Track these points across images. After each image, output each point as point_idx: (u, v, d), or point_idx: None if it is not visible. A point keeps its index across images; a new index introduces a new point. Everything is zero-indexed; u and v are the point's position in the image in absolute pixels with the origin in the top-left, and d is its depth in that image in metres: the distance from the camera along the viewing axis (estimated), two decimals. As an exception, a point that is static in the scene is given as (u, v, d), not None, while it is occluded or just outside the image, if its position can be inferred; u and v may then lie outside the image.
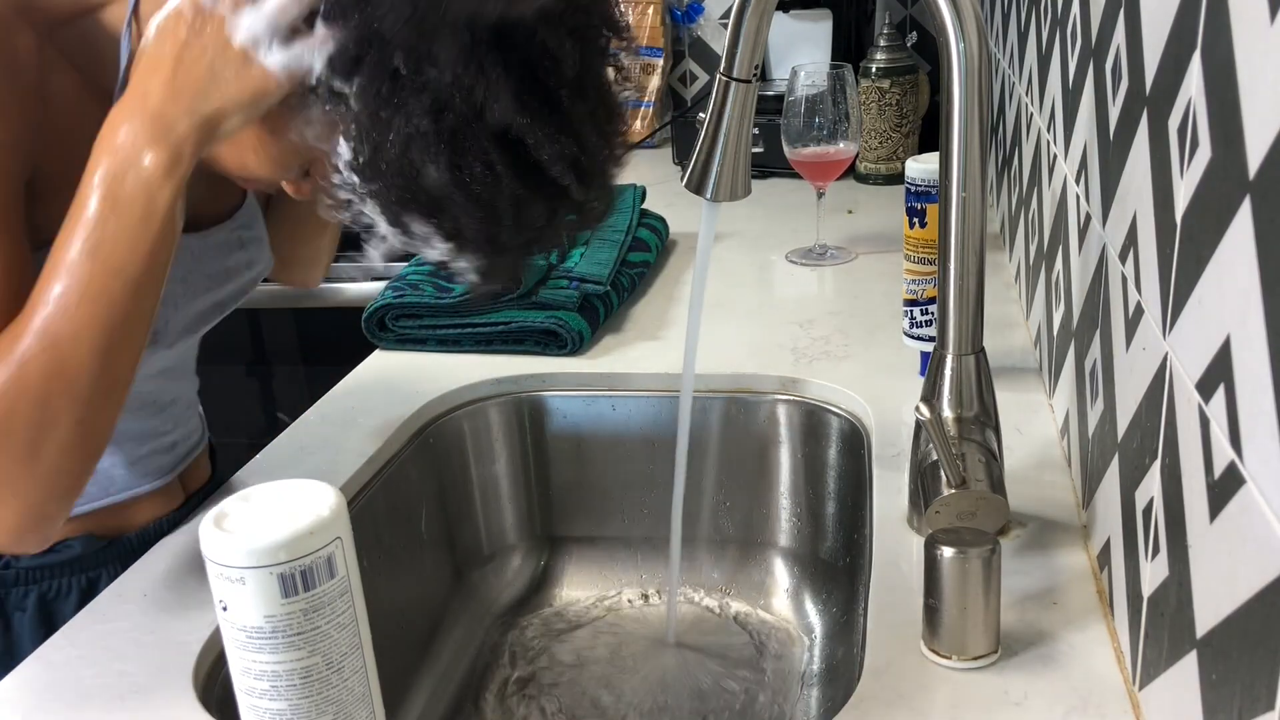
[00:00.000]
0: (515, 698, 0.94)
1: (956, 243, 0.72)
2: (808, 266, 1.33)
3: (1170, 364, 0.52)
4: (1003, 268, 1.27)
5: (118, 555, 0.84)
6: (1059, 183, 0.90)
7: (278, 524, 0.53)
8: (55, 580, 0.82)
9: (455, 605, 1.03)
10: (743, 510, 1.06)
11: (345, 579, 0.55)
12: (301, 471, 0.90)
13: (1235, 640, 0.43)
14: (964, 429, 0.73)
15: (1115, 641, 0.64)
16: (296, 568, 0.53)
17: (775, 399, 1.03)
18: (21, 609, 0.82)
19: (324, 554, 0.54)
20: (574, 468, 1.08)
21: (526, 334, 1.09)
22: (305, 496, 0.55)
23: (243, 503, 0.55)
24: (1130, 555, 0.61)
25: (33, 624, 0.82)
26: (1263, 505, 0.40)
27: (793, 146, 1.34)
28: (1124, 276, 0.63)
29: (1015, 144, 1.25)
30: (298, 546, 0.53)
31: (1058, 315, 0.88)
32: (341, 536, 0.55)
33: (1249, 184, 0.41)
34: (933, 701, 0.61)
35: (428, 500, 1.01)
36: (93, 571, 0.84)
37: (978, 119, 0.69)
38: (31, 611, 0.82)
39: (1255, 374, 0.41)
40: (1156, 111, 0.57)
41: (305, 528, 0.53)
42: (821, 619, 1.00)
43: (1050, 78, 0.97)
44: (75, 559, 0.82)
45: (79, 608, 0.77)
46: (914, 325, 0.99)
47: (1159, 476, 0.54)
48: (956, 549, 0.61)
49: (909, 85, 1.64)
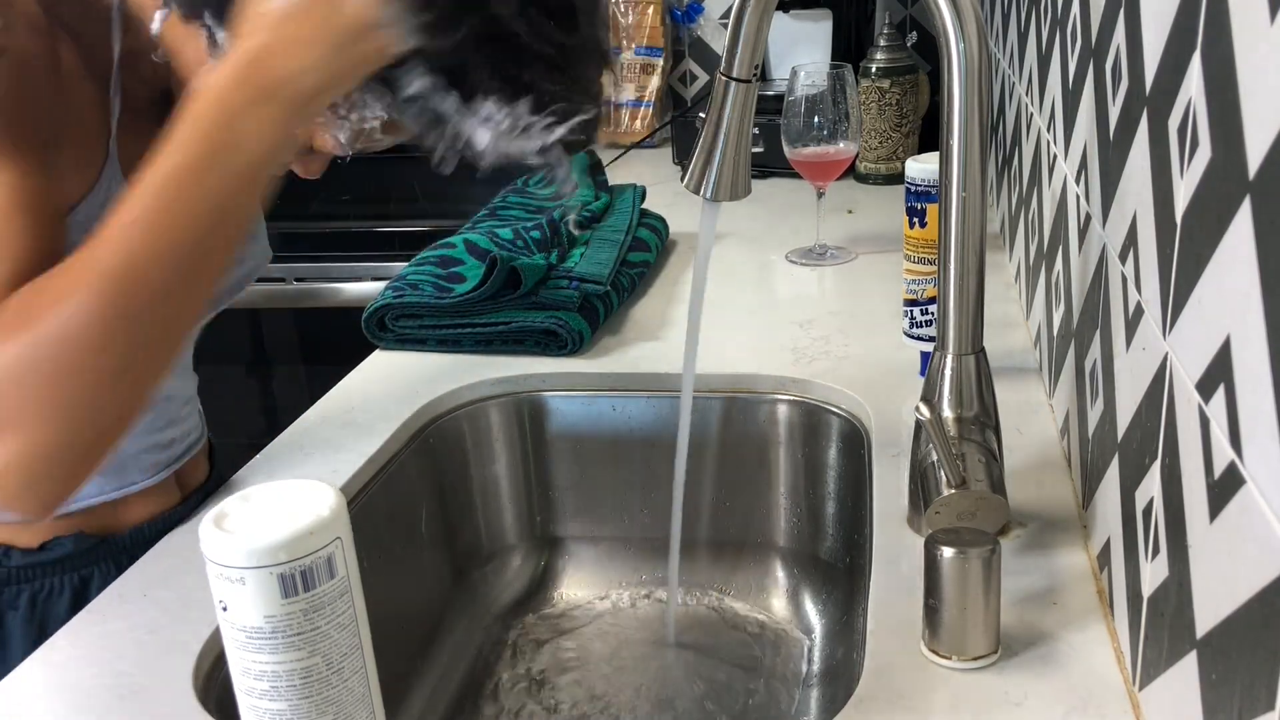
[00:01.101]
0: (515, 698, 0.94)
1: (956, 243, 0.72)
2: (808, 266, 1.33)
3: (1170, 364, 0.52)
4: (1003, 268, 1.27)
5: (110, 554, 0.84)
6: (1059, 183, 0.90)
7: (278, 524, 0.53)
8: (47, 579, 0.82)
9: (455, 605, 1.03)
10: (743, 510, 1.06)
11: (345, 579, 0.55)
12: (302, 472, 0.90)
13: (1235, 640, 0.43)
14: (964, 429, 0.73)
15: (1115, 641, 0.64)
16: (296, 568, 0.53)
17: (775, 399, 1.03)
18: (14, 608, 0.82)
19: (324, 554, 0.53)
20: (574, 468, 1.08)
21: (526, 334, 1.09)
22: (305, 496, 0.55)
23: (243, 502, 0.55)
24: (1130, 555, 0.61)
25: (24, 624, 0.82)
26: (1263, 505, 0.40)
27: (793, 146, 1.34)
28: (1124, 276, 0.63)
29: (1015, 144, 1.25)
30: (298, 546, 0.52)
31: (1058, 315, 0.88)
32: (341, 537, 0.55)
33: (1249, 184, 0.41)
34: (933, 701, 0.61)
35: (428, 500, 1.01)
36: (85, 570, 0.83)
37: (978, 119, 0.69)
38: (23, 611, 0.82)
39: (1255, 374, 0.41)
40: (1156, 111, 0.57)
41: (305, 528, 0.53)
42: (821, 619, 1.00)
43: (1050, 78, 0.97)
44: (67, 557, 0.82)
45: (72, 608, 0.76)
46: (914, 325, 0.99)
47: (1159, 477, 0.54)
48: (956, 549, 0.61)
49: (909, 85, 1.64)
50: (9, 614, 0.82)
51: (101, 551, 0.84)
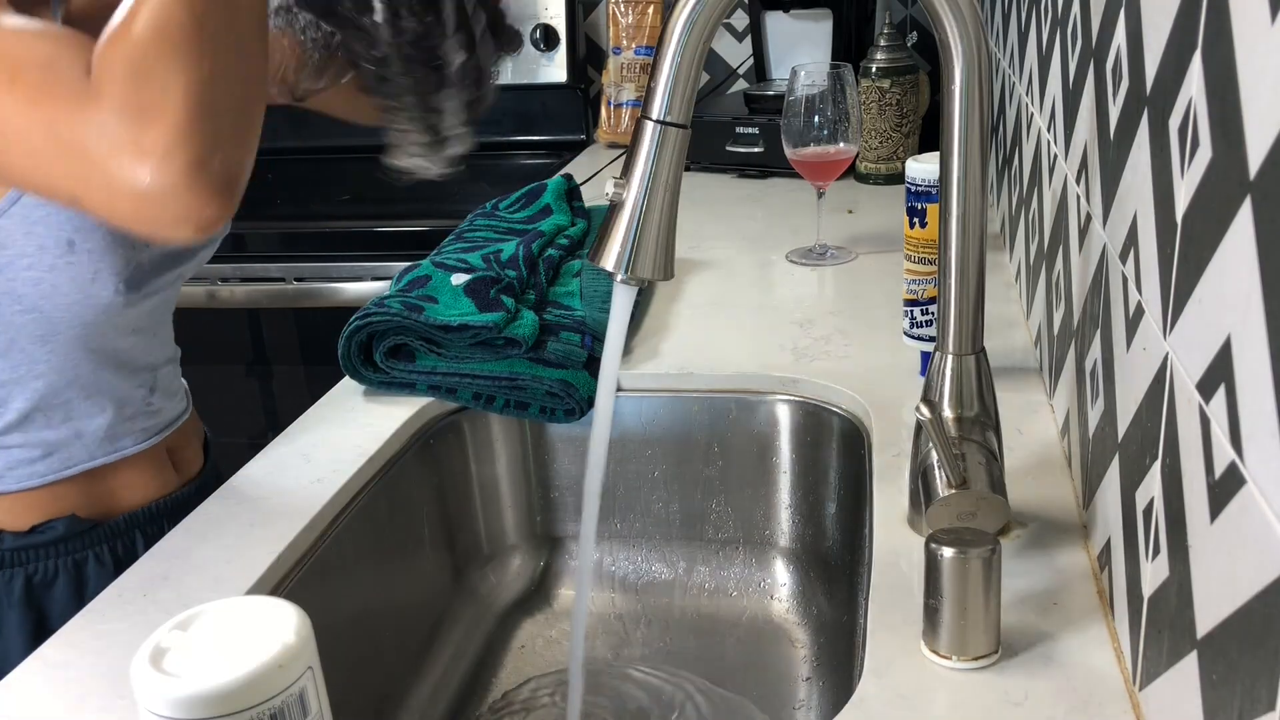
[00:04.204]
0: (515, 697, 0.94)
1: (956, 243, 0.72)
2: (808, 266, 1.33)
3: (1171, 364, 0.52)
4: (1003, 268, 1.27)
5: (104, 538, 0.84)
6: (1059, 183, 0.90)
7: (235, 658, 0.42)
8: (41, 563, 0.82)
9: (455, 605, 1.03)
10: (743, 510, 1.06)
11: (319, 716, 0.46)
12: (302, 471, 0.90)
13: (1235, 640, 0.43)
14: (964, 429, 0.73)
15: (1115, 642, 0.64)
16: (265, 712, 0.42)
17: (775, 399, 1.03)
18: (9, 593, 0.82)
19: (295, 690, 0.44)
20: (574, 468, 1.08)
21: (531, 399, 1.00)
22: (258, 618, 0.45)
23: (181, 633, 0.44)
24: (1130, 555, 0.61)
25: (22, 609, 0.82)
26: (1263, 505, 0.40)
27: (793, 146, 1.34)
28: (1124, 276, 0.63)
29: (1015, 144, 1.25)
30: (266, 685, 0.42)
31: (1058, 315, 0.88)
32: (313, 666, 0.45)
33: (1250, 184, 0.41)
34: (933, 701, 0.61)
35: (428, 500, 1.01)
36: (79, 554, 0.83)
37: (978, 119, 0.69)
38: (19, 595, 0.82)
39: (1256, 374, 0.40)
40: (1157, 111, 0.57)
41: (272, 660, 0.43)
42: (821, 619, 1.00)
43: (1050, 78, 0.97)
44: (60, 540, 0.82)
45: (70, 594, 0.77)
46: (914, 325, 0.99)
47: (1159, 477, 0.54)
48: (956, 549, 0.61)
49: (909, 85, 1.64)
50: (5, 599, 0.82)
51: (96, 535, 0.84)
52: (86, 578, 0.81)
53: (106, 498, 0.85)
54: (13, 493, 0.81)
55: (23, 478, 0.82)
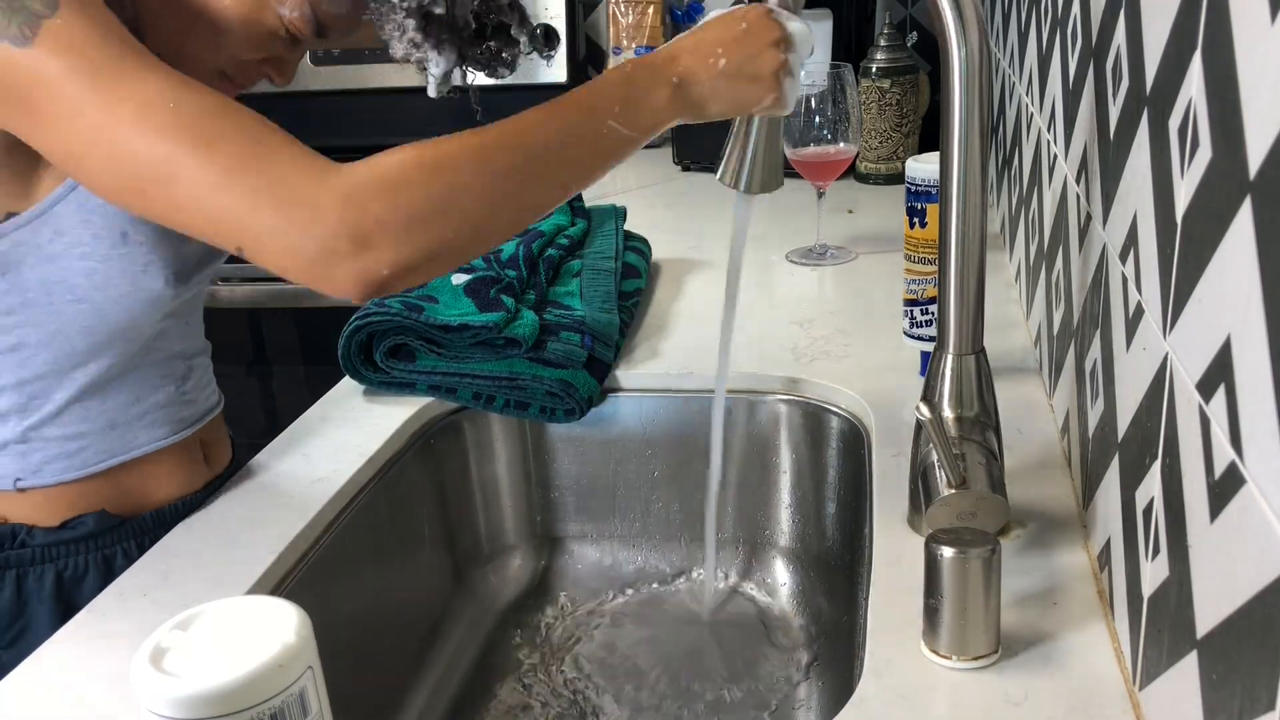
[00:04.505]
0: (515, 697, 0.94)
1: (956, 243, 0.72)
2: (808, 266, 1.33)
3: (1171, 364, 0.52)
4: (1003, 268, 1.27)
5: (133, 534, 0.84)
6: (1059, 183, 0.90)
7: (235, 658, 0.42)
8: (71, 558, 0.82)
9: (455, 605, 1.03)
10: (743, 510, 1.06)
11: (319, 716, 0.46)
12: (302, 471, 0.90)
13: (1235, 640, 0.43)
14: (964, 429, 0.73)
15: (1115, 641, 0.64)
16: (265, 712, 0.42)
17: (775, 399, 1.03)
18: (40, 588, 0.82)
19: (295, 690, 0.44)
20: (574, 468, 1.08)
21: (531, 398, 1.00)
22: (259, 617, 0.45)
23: (181, 633, 0.44)
24: (1130, 555, 0.61)
25: (52, 603, 0.82)
26: (1263, 505, 0.40)
27: (793, 146, 1.34)
28: (1124, 276, 0.63)
29: (1015, 144, 1.25)
30: (266, 685, 0.42)
31: (1058, 315, 0.88)
32: (313, 666, 0.45)
33: (1249, 184, 0.41)
34: (933, 701, 0.61)
35: (428, 500, 1.01)
36: (108, 549, 0.83)
37: (978, 119, 0.69)
38: (49, 590, 0.82)
39: (1256, 374, 0.41)
40: (1157, 111, 0.57)
41: (272, 660, 0.43)
42: (821, 619, 1.00)
43: (1050, 78, 0.97)
44: (90, 535, 0.82)
45: (98, 590, 0.77)
46: (914, 325, 0.99)
47: (1159, 476, 0.54)
48: (956, 549, 0.61)
49: (909, 85, 1.64)
50: (35, 594, 0.82)
51: (125, 531, 0.84)
52: (116, 573, 0.81)
53: (137, 492, 0.85)
54: (47, 487, 0.81)
55: (59, 471, 0.81)
